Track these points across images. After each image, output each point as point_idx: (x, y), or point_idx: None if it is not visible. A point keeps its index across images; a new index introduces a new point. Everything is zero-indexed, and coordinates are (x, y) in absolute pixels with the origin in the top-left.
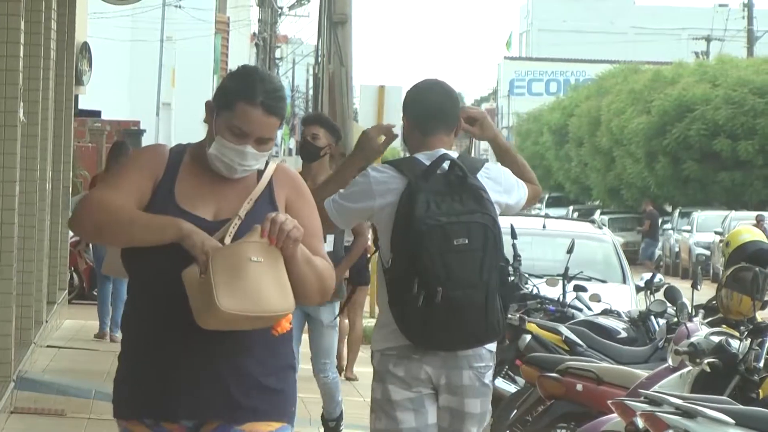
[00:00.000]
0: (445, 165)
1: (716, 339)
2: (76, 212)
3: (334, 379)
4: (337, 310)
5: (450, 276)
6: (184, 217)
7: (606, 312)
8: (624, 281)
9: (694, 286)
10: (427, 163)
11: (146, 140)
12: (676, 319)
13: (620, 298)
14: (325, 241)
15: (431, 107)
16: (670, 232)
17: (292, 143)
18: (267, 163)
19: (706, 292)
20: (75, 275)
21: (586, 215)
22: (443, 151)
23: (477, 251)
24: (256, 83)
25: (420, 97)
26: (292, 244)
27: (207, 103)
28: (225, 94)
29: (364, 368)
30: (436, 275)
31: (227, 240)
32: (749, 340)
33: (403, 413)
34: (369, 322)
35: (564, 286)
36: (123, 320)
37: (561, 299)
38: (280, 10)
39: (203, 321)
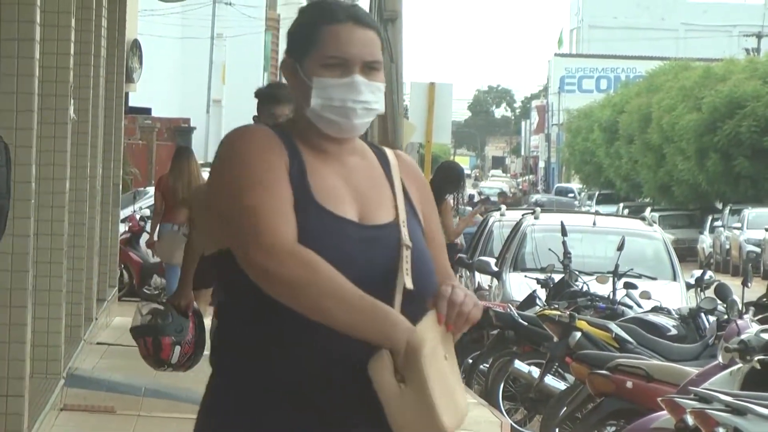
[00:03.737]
0: None
1: (767, 336)
2: (256, 256)
3: None
4: None
5: None
6: (330, 220)
7: (656, 309)
8: (674, 278)
9: (744, 284)
10: None
11: (196, 138)
12: (726, 317)
13: (670, 295)
14: None
15: None
16: (721, 229)
17: None
18: (378, 148)
19: (757, 289)
20: (125, 272)
21: (636, 212)
22: None
23: None
24: (332, 5)
25: None
26: (467, 326)
27: (283, 63)
28: (302, 34)
29: None
30: None
31: (407, 280)
32: None
33: None
34: None
35: (614, 283)
36: (236, 344)
37: (611, 296)
38: None
39: None
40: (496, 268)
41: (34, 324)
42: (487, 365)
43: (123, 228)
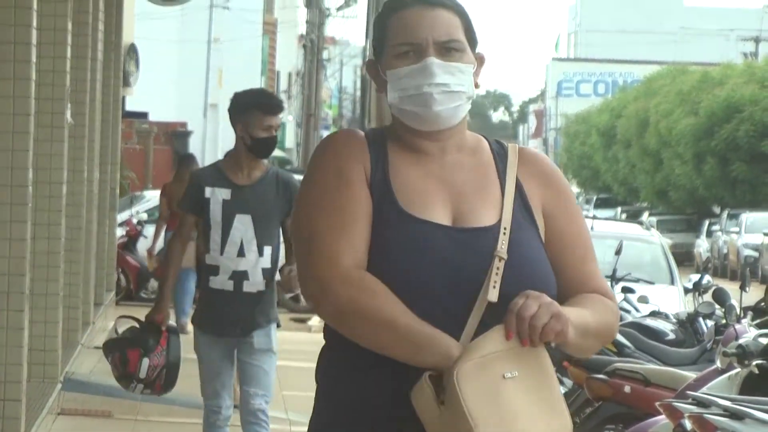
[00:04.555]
0: None
1: (765, 341)
2: (312, 280)
3: (265, 425)
4: (274, 335)
5: None
6: (414, 224)
7: (654, 313)
8: (672, 283)
9: (742, 288)
10: None
11: (193, 142)
12: (724, 321)
13: (668, 299)
14: (262, 255)
15: None
16: (719, 233)
17: None
18: (502, 144)
19: (755, 293)
20: (122, 276)
21: (634, 216)
22: None
23: None
24: None
25: None
26: (555, 337)
27: (368, 64)
28: (377, 30)
29: None
30: None
31: (491, 293)
32: None
33: None
34: None
35: (612, 287)
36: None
37: None
38: (327, 11)
39: None
40: None
41: (31, 328)
42: None
43: (120, 232)
